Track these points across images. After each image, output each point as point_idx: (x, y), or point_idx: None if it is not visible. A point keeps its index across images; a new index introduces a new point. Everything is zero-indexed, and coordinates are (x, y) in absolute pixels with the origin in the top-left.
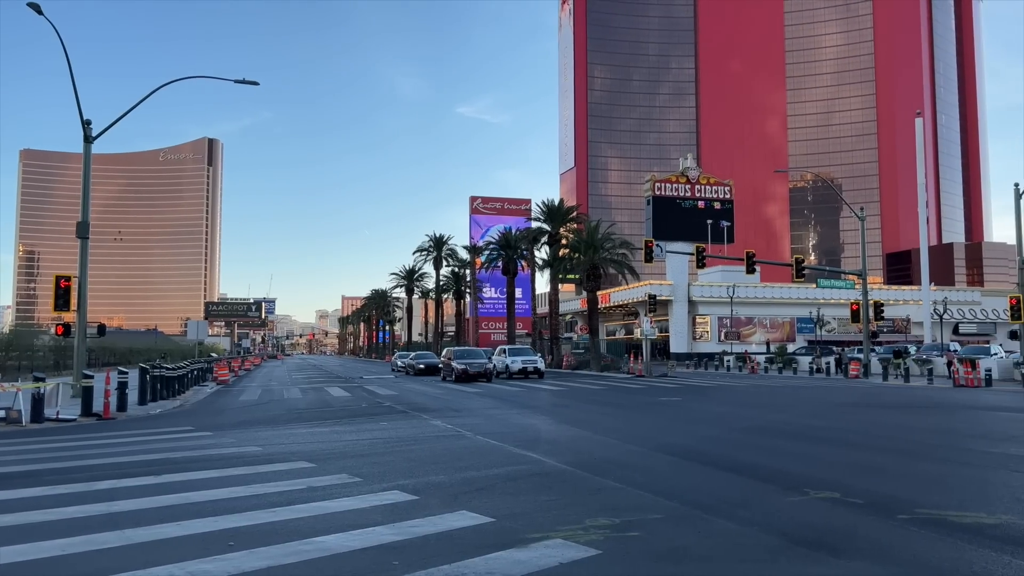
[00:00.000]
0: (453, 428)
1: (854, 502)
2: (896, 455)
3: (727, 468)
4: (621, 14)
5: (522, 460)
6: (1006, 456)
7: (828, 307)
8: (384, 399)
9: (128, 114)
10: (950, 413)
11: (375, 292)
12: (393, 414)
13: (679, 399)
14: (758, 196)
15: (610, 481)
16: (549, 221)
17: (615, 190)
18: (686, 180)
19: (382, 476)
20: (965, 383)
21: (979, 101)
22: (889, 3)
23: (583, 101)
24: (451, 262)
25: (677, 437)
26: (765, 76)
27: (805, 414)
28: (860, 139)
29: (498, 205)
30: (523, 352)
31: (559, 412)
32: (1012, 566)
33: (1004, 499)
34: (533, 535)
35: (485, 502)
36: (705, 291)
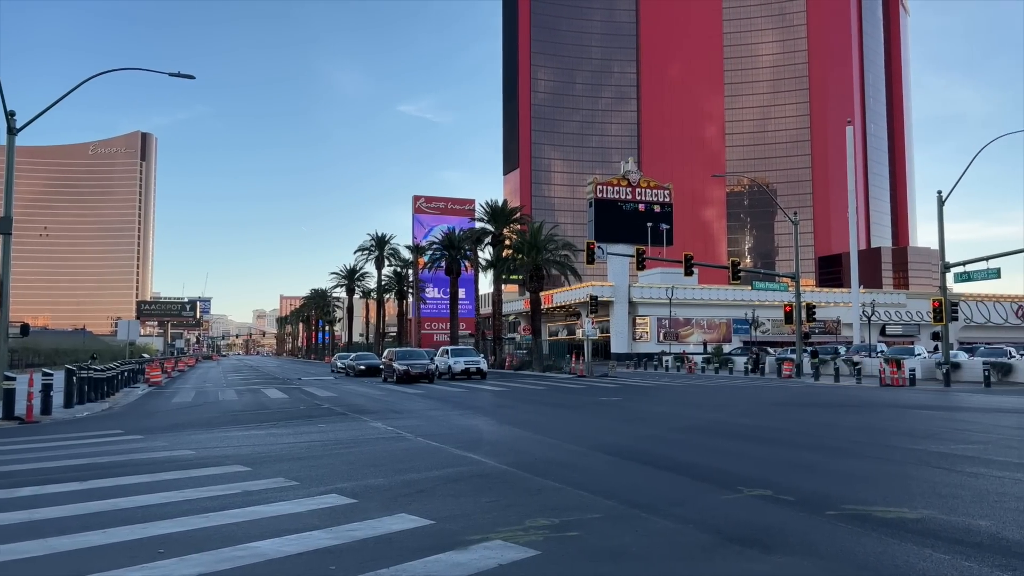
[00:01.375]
0: (393, 430)
1: (785, 499)
2: (825, 452)
3: (665, 467)
4: (565, 17)
5: (463, 462)
6: (927, 453)
7: (763, 309)
8: (323, 401)
9: (56, 105)
10: (876, 411)
11: (315, 292)
12: (332, 416)
13: (619, 399)
14: (697, 200)
15: (550, 481)
16: (493, 222)
17: (558, 192)
18: (627, 183)
19: (320, 479)
20: (891, 383)
21: (905, 111)
22: (822, 15)
23: (527, 103)
24: (393, 262)
25: (617, 437)
26: (704, 83)
27: (740, 413)
28: (794, 146)
29: (442, 205)
30: (466, 353)
31: (501, 413)
32: (932, 559)
33: (925, 494)
34: (473, 537)
35: (425, 504)
36: (645, 292)
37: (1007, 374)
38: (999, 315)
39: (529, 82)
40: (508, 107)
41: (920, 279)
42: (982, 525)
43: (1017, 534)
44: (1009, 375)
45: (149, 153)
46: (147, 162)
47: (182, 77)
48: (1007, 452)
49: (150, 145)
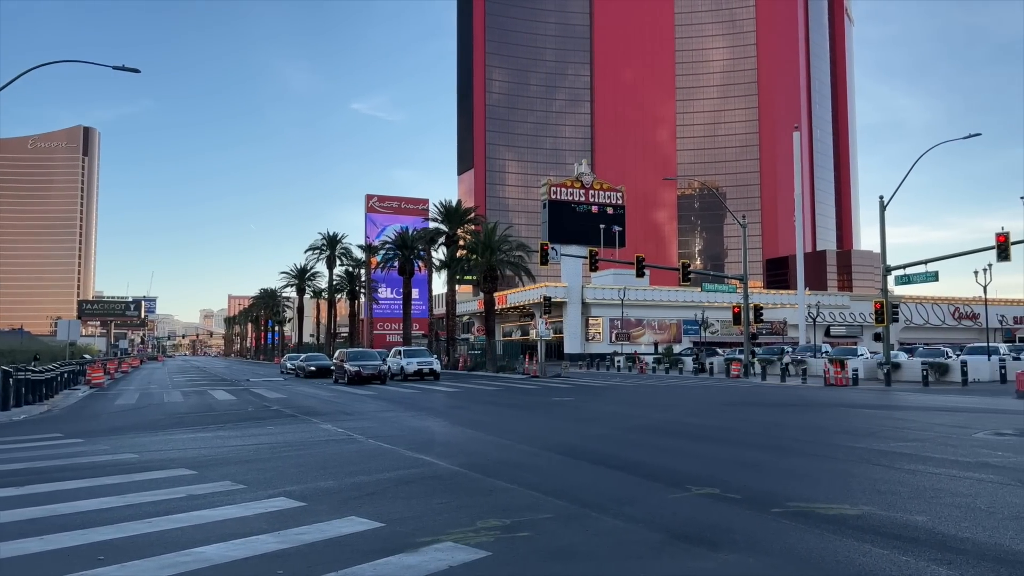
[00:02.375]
0: (344, 432)
1: (732, 497)
2: (771, 451)
3: (615, 466)
4: (520, 19)
5: (415, 463)
6: (868, 451)
7: (712, 310)
8: (272, 402)
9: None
10: (820, 411)
11: (264, 291)
12: (281, 418)
13: (571, 399)
14: (649, 202)
15: (502, 482)
16: (447, 222)
17: (513, 192)
18: (581, 185)
19: (268, 482)
20: (835, 382)
21: (850, 118)
22: (771, 24)
23: (481, 103)
24: (345, 261)
25: (569, 437)
26: (656, 87)
27: (689, 413)
28: (744, 150)
29: (395, 204)
30: (419, 354)
31: (454, 414)
32: (871, 554)
33: (865, 491)
34: (423, 539)
35: (375, 507)
36: (598, 293)
37: (944, 374)
38: (937, 317)
39: (483, 82)
40: (462, 107)
41: (863, 281)
42: (919, 520)
43: (952, 528)
44: (946, 375)
45: (92, 148)
46: (90, 157)
47: (127, 71)
48: (943, 449)
49: (93, 140)
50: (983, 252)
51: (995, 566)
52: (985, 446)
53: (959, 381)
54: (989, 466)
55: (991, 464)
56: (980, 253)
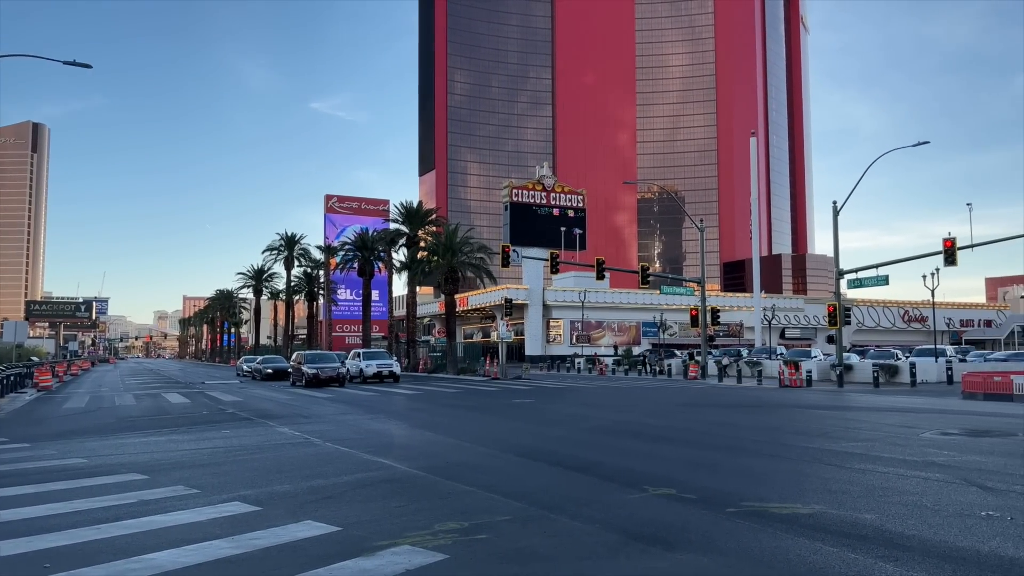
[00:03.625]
0: (301, 435)
1: (688, 497)
2: (726, 451)
3: (574, 468)
4: (482, 21)
5: (373, 466)
6: (820, 451)
7: (670, 312)
8: (227, 405)
9: None
10: (774, 411)
11: (220, 292)
12: (237, 421)
13: (532, 401)
14: (609, 205)
15: (461, 484)
16: (407, 223)
17: (474, 194)
18: (542, 188)
19: (222, 487)
20: (790, 383)
21: (805, 124)
22: (729, 31)
23: (443, 104)
24: (304, 262)
25: (528, 438)
26: (617, 91)
27: (647, 414)
28: (702, 155)
29: (355, 205)
30: (378, 356)
31: (413, 416)
32: (822, 552)
33: (817, 491)
34: (381, 542)
35: (332, 511)
36: (559, 295)
37: (894, 375)
38: (888, 319)
39: (445, 84)
40: (424, 108)
41: (817, 285)
42: (868, 518)
43: (900, 526)
44: (895, 376)
45: (41, 144)
46: (39, 154)
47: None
48: (892, 449)
49: (42, 136)
50: (931, 257)
51: (940, 562)
52: (932, 445)
53: (908, 382)
54: (935, 465)
55: (937, 463)
56: (928, 258)
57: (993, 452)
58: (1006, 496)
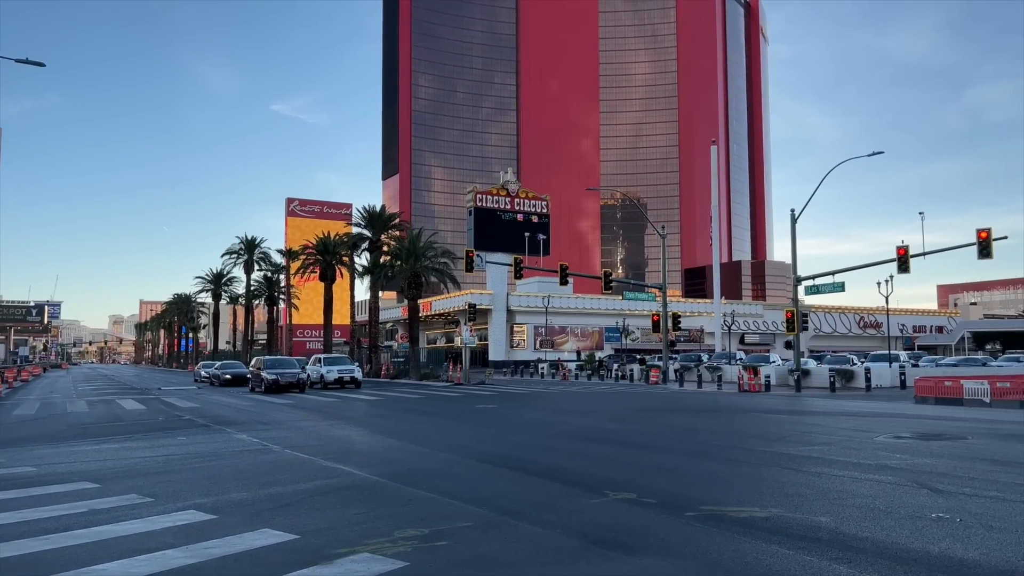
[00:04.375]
0: (260, 442)
1: (648, 502)
2: (686, 456)
3: (536, 473)
4: (446, 26)
5: (333, 473)
6: (777, 455)
7: (633, 318)
8: (184, 412)
9: None
10: (734, 416)
11: (178, 296)
12: (193, 428)
13: (495, 406)
14: (572, 211)
15: (422, 491)
16: (370, 227)
17: (439, 199)
18: (506, 193)
19: (177, 495)
20: (749, 388)
21: (764, 133)
22: (691, 41)
23: (407, 108)
24: (264, 266)
25: (491, 444)
26: (581, 98)
27: (609, 418)
28: (664, 162)
29: (317, 208)
30: (339, 361)
31: (375, 423)
32: (778, 555)
33: (774, 494)
34: (339, 550)
35: (290, 518)
36: (523, 301)
37: (849, 380)
38: (844, 325)
39: (409, 88)
40: (388, 111)
41: (776, 291)
42: (823, 521)
43: (853, 528)
44: (851, 381)
45: None
46: None
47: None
48: (847, 452)
49: None
50: (885, 264)
51: (891, 563)
52: (885, 449)
53: (863, 387)
54: (888, 468)
55: (890, 466)
56: (883, 265)
57: (943, 455)
58: (955, 498)
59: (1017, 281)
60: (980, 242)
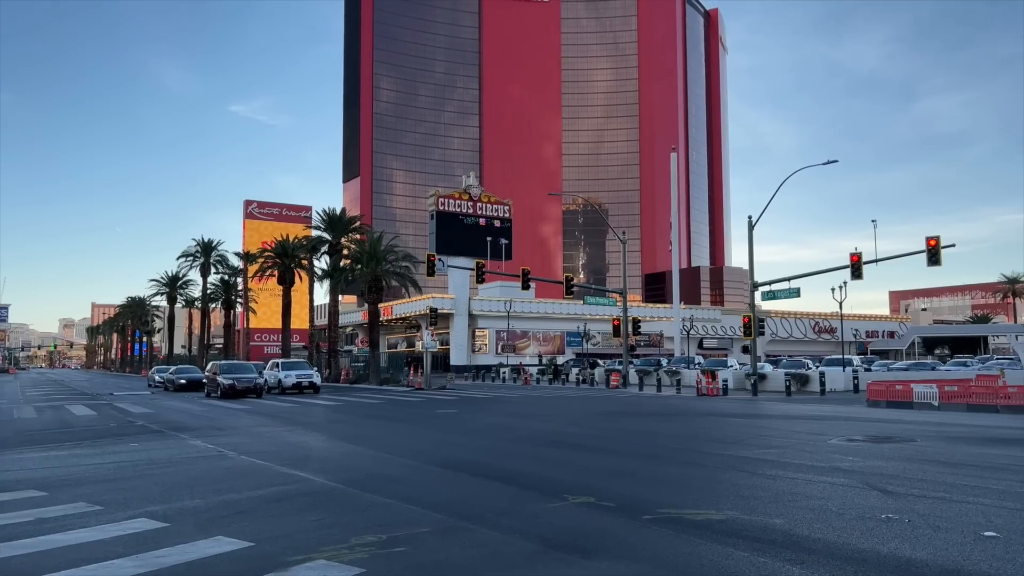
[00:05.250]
0: (215, 448)
1: (607, 505)
2: (645, 459)
3: (496, 478)
4: (409, 29)
5: (290, 480)
6: (734, 458)
7: (594, 322)
8: (137, 417)
9: None
10: (692, 420)
11: (132, 300)
12: (146, 434)
13: (456, 411)
14: (535, 216)
15: (381, 497)
16: (330, 230)
17: (400, 203)
18: (468, 197)
19: (128, 503)
20: (707, 392)
21: (723, 141)
22: (651, 49)
23: (369, 111)
24: (221, 269)
25: (451, 449)
26: (543, 104)
27: (570, 423)
28: (625, 169)
29: (276, 211)
30: (298, 366)
31: (333, 428)
32: (733, 557)
33: (730, 497)
34: (295, 558)
35: (245, 526)
36: (485, 305)
37: (805, 384)
38: (799, 330)
39: (371, 90)
40: (349, 114)
41: (734, 296)
42: (777, 523)
43: (806, 530)
44: (806, 385)
45: None
46: None
47: None
48: (801, 455)
49: None
50: (839, 271)
51: (842, 564)
52: (838, 451)
53: (818, 391)
54: (840, 470)
55: (842, 469)
56: (837, 271)
57: (893, 457)
58: (904, 499)
59: (965, 288)
60: (929, 250)
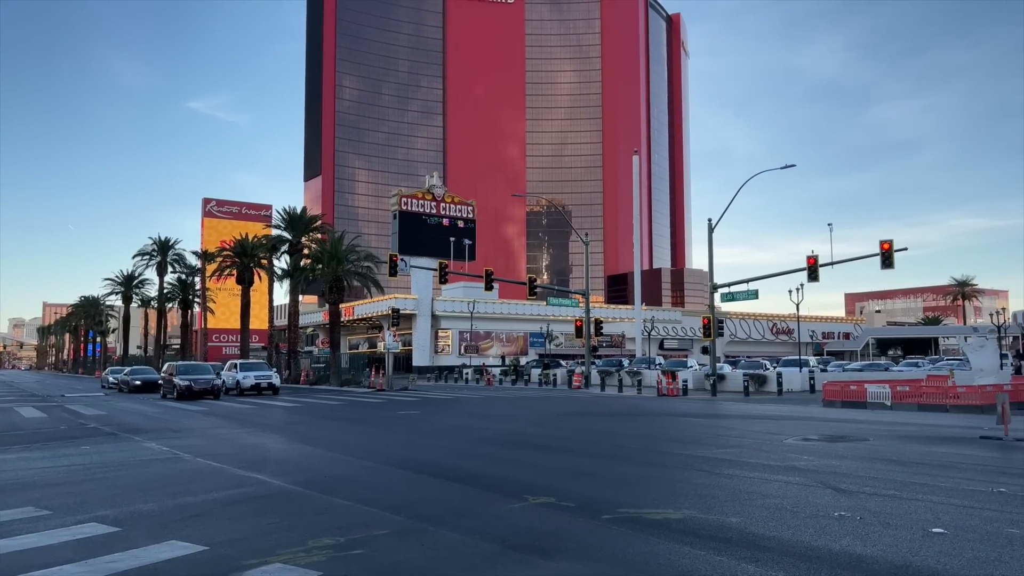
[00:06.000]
0: (170, 450)
1: (567, 505)
2: (605, 459)
3: (457, 479)
4: (372, 27)
5: (247, 482)
6: (693, 457)
7: (557, 323)
8: (89, 420)
9: None
10: (652, 420)
11: (85, 299)
12: (99, 436)
13: (417, 412)
14: (499, 217)
15: (339, 499)
16: (291, 229)
17: (363, 202)
18: (432, 197)
19: (78, 507)
20: (667, 392)
21: (684, 144)
22: (614, 52)
23: (331, 109)
24: (178, 268)
25: (412, 451)
26: (507, 105)
27: (532, 423)
28: (588, 171)
29: (235, 209)
30: (256, 367)
31: (292, 430)
32: (690, 555)
33: (688, 496)
34: (250, 561)
35: (200, 529)
36: (448, 306)
37: (762, 384)
38: (758, 332)
39: (334, 88)
40: (311, 112)
41: (694, 298)
42: (733, 522)
43: (761, 528)
44: (764, 385)
45: None
46: None
47: None
48: (758, 455)
49: None
50: (796, 273)
51: (796, 561)
52: (794, 451)
53: (776, 391)
54: (796, 469)
55: (798, 468)
56: (794, 274)
57: (847, 456)
58: (856, 497)
59: (917, 290)
60: (883, 253)
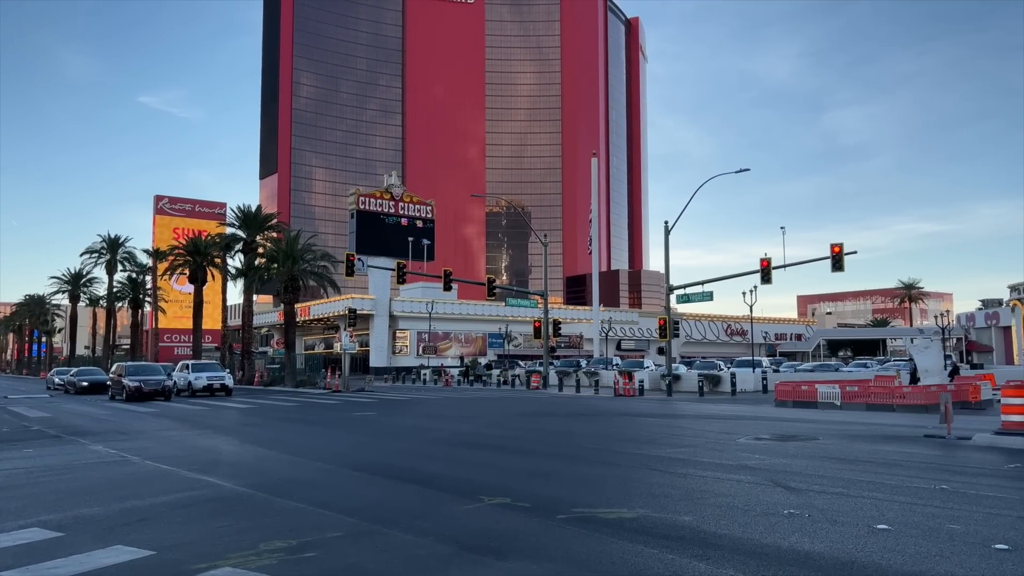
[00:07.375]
0: (117, 453)
1: (522, 506)
2: (561, 460)
3: (412, 480)
4: (331, 24)
5: (197, 485)
6: (647, 457)
7: (516, 324)
8: (33, 422)
9: None
10: (609, 420)
11: (30, 298)
12: (43, 439)
13: (374, 414)
14: (458, 217)
15: (292, 502)
16: (245, 228)
17: (320, 201)
18: (390, 197)
19: (19, 512)
20: (624, 393)
21: (642, 147)
22: (574, 55)
23: (288, 107)
24: (128, 266)
25: (367, 452)
26: (467, 105)
27: (489, 424)
28: (548, 172)
29: (188, 207)
30: (209, 368)
31: (245, 432)
32: (643, 554)
33: (642, 495)
34: (199, 565)
35: (147, 534)
36: (406, 306)
37: (717, 384)
38: (713, 333)
39: (291, 86)
40: (267, 109)
41: (651, 299)
42: (686, 520)
43: (713, 526)
44: (718, 385)
45: None
46: None
47: None
48: (711, 454)
49: None
50: (750, 275)
51: (746, 558)
52: (746, 450)
53: (729, 391)
54: (748, 468)
55: (749, 466)
56: (748, 276)
57: (798, 455)
58: (806, 495)
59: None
60: (833, 256)
